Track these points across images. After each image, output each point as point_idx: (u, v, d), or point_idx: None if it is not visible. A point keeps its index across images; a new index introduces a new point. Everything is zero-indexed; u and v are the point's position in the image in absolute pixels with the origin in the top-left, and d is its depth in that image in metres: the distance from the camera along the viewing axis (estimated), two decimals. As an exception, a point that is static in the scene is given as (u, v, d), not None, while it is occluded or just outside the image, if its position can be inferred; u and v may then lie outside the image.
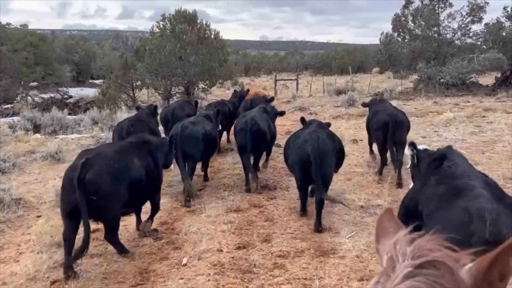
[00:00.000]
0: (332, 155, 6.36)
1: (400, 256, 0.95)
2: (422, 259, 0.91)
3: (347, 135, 12.18)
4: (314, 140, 6.15)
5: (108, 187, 4.75)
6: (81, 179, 4.55)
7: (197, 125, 7.79)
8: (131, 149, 5.42)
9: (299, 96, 26.19)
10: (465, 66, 22.98)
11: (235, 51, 75.76)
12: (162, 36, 19.08)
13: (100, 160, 4.86)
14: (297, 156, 6.30)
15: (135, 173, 5.14)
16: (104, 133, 13.07)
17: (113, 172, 4.86)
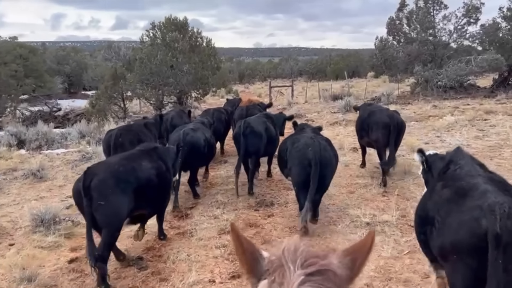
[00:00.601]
0: (333, 162, 6.31)
1: (291, 264, 1.04)
2: (312, 268, 1.03)
3: (347, 143, 11.63)
4: (316, 146, 6.02)
5: (113, 190, 4.76)
6: (85, 188, 4.63)
7: (197, 132, 7.83)
8: (138, 157, 5.46)
9: (295, 102, 25.66)
10: (462, 68, 22.53)
11: (229, 58, 75.50)
12: (153, 45, 18.50)
13: (104, 167, 4.97)
14: (297, 160, 6.11)
15: (143, 175, 5.16)
16: (92, 147, 12.44)
17: (119, 176, 4.89)
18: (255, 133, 7.78)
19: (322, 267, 1.04)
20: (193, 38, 18.92)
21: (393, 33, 25.84)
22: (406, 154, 10.28)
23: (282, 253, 1.08)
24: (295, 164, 6.17)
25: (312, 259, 1.05)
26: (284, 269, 1.04)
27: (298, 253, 1.07)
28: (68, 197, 8.05)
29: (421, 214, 3.68)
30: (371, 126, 8.40)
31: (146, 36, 18.62)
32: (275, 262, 1.08)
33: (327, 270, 1.04)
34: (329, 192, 7.72)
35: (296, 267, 1.03)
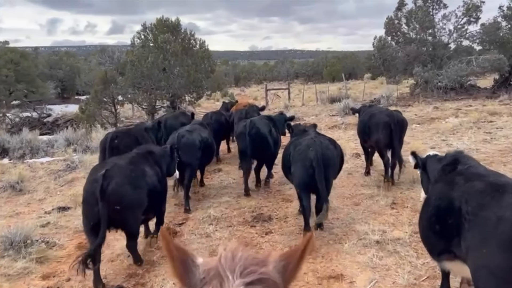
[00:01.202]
0: (335, 161, 6.16)
1: (229, 273, 0.99)
2: (252, 276, 0.98)
3: (348, 149, 10.95)
4: (318, 145, 5.89)
5: (130, 195, 4.89)
6: (103, 191, 4.64)
7: (193, 133, 7.75)
8: (140, 159, 5.54)
9: (292, 105, 25.04)
10: (463, 68, 21.95)
11: (225, 61, 74.87)
12: (144, 47, 17.81)
13: (119, 170, 4.98)
14: (299, 161, 5.98)
15: (150, 181, 5.30)
16: (78, 155, 11.74)
17: (133, 181, 5.00)
18: (260, 133, 7.75)
19: (262, 275, 1.01)
20: (186, 40, 18.24)
21: (392, 33, 25.25)
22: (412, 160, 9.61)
23: (219, 261, 1.03)
24: (297, 166, 6.01)
25: (251, 267, 1.01)
26: (222, 279, 0.99)
27: (236, 261, 1.02)
28: (47, 213, 7.35)
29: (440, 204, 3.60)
30: (371, 128, 8.23)
31: (137, 38, 17.94)
32: (212, 271, 1.03)
33: (267, 279, 1.01)
34: (332, 205, 7.06)
35: (234, 277, 0.98)
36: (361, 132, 8.82)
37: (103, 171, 4.78)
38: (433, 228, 3.62)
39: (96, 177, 4.83)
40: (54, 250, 5.81)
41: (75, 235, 6.33)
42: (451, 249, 3.43)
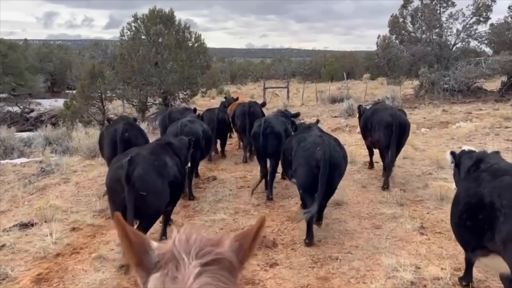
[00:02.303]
0: (342, 164, 5.79)
1: (185, 255, 0.98)
2: (207, 257, 0.98)
3: (358, 156, 9.82)
4: (326, 145, 5.51)
5: (156, 183, 4.84)
6: (129, 176, 4.56)
7: (195, 123, 7.83)
8: (161, 150, 5.48)
9: (291, 105, 23.88)
10: (471, 70, 20.89)
11: (221, 58, 73.45)
12: (135, 39, 16.55)
13: (143, 158, 4.95)
14: (304, 159, 5.62)
15: (171, 172, 5.22)
16: (56, 156, 10.52)
17: (157, 169, 4.97)
18: (275, 133, 7.37)
19: (218, 255, 1.00)
20: (180, 33, 17.00)
21: (396, 31, 24.16)
22: (434, 171, 8.50)
23: (173, 244, 1.01)
24: (301, 164, 5.66)
25: (206, 248, 1.00)
26: (177, 261, 0.97)
27: (191, 243, 1.00)
28: (5, 230, 6.13)
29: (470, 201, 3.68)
30: (373, 125, 7.97)
31: (128, 30, 16.68)
32: (167, 254, 1.00)
33: (223, 259, 1.01)
34: (348, 227, 5.93)
35: (190, 258, 0.97)
36: (362, 127, 8.59)
37: (128, 157, 4.72)
38: (465, 225, 3.71)
39: (120, 164, 4.75)
40: (3, 284, 4.61)
41: (35, 263, 5.12)
42: (484, 244, 3.50)
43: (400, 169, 8.78)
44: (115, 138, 7.21)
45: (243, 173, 9.08)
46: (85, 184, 8.41)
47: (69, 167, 9.53)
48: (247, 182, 8.31)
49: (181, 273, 0.95)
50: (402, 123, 7.71)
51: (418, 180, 7.96)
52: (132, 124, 7.92)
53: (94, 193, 7.65)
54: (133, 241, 1.04)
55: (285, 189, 7.92)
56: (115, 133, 7.30)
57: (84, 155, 10.51)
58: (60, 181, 8.61)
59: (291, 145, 6.07)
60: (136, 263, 1.04)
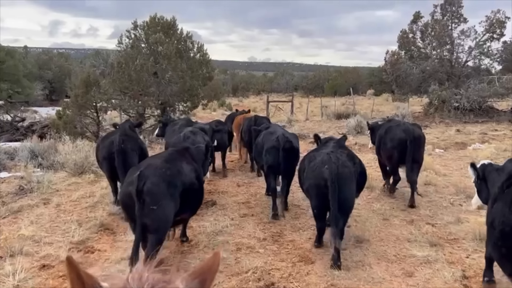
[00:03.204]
0: (352, 179, 5.51)
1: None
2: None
3: (374, 180, 8.81)
4: (333, 163, 5.34)
5: (165, 194, 4.75)
6: (139, 192, 4.58)
7: (197, 135, 7.62)
8: (177, 156, 5.44)
9: (295, 120, 22.95)
10: (485, 88, 20.00)
11: (223, 71, 72.85)
12: (133, 47, 15.68)
13: (154, 170, 4.87)
14: (313, 180, 5.49)
15: (186, 178, 5.13)
16: (41, 172, 9.54)
17: (168, 179, 4.86)
18: (293, 148, 7.07)
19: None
20: (181, 42, 16.12)
21: (405, 47, 23.34)
22: (462, 201, 7.49)
23: (126, 282, 0.99)
24: (311, 186, 5.56)
25: (160, 284, 0.99)
26: None
27: (143, 280, 0.98)
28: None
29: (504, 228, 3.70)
30: (387, 142, 7.75)
31: (126, 37, 15.79)
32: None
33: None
34: (374, 274, 4.90)
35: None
36: (378, 146, 8.27)
37: (138, 172, 4.73)
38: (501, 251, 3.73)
39: (131, 179, 4.77)
40: None
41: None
42: None
43: (424, 198, 7.78)
44: (112, 150, 7.02)
45: (246, 197, 8.09)
46: (67, 206, 7.40)
47: (51, 185, 8.52)
48: (251, 210, 7.31)
49: None
50: (416, 137, 7.51)
51: (447, 212, 6.96)
52: (129, 134, 7.63)
53: (75, 219, 6.63)
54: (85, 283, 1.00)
55: (294, 218, 6.92)
56: (111, 145, 7.10)
57: (71, 171, 9.52)
58: (39, 203, 7.60)
59: (303, 165, 5.94)
60: None
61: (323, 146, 6.21)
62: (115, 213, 7.06)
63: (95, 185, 8.85)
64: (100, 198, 7.86)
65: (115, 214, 7.02)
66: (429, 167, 9.78)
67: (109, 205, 7.38)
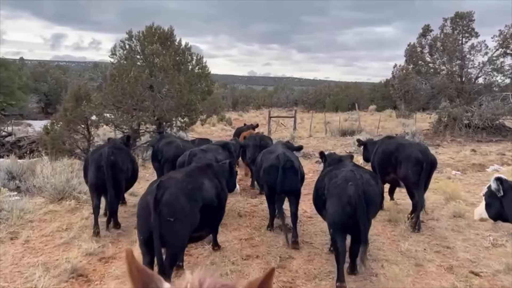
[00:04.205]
0: (377, 199, 5.39)
1: None
2: None
3: (396, 211, 7.69)
4: (358, 180, 5.08)
5: (184, 208, 4.67)
6: (157, 201, 4.49)
7: (208, 153, 7.48)
8: (199, 172, 5.37)
9: (298, 136, 21.87)
10: (499, 106, 18.99)
11: (223, 85, 72.07)
12: (128, 58, 14.66)
13: (175, 182, 4.85)
14: (336, 196, 5.17)
15: (207, 195, 5.05)
16: (20, 196, 8.40)
17: (189, 193, 4.80)
18: (294, 168, 6.67)
19: None
20: (179, 54, 15.11)
21: (414, 61, 22.40)
22: (505, 241, 6.34)
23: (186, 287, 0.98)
24: (332, 202, 5.25)
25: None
26: None
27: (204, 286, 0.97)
28: None
29: None
30: (399, 161, 7.33)
31: (121, 48, 14.78)
32: None
33: None
34: None
35: None
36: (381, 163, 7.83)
37: (158, 182, 4.71)
38: None
39: (151, 189, 4.70)
40: None
41: None
42: None
43: (458, 235, 6.65)
44: (100, 163, 6.80)
45: (249, 232, 6.94)
46: (37, 243, 6.24)
47: (24, 214, 7.37)
48: (255, 249, 6.15)
49: None
50: (433, 161, 7.36)
51: (491, 256, 5.81)
52: (119, 147, 7.49)
53: (42, 262, 5.48)
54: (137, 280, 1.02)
55: (307, 261, 5.77)
56: (100, 158, 6.89)
57: (49, 197, 8.37)
58: (6, 238, 6.44)
59: (323, 184, 5.60)
60: None
61: (337, 164, 5.99)
62: (93, 252, 5.93)
63: (75, 214, 7.71)
64: (78, 231, 6.72)
65: (93, 254, 5.89)
66: (455, 195, 8.67)
67: (87, 241, 6.25)
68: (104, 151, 7.01)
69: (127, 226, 7.29)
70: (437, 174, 12.30)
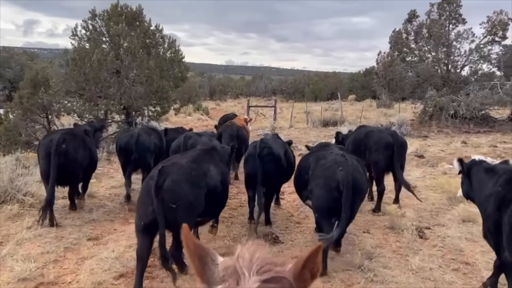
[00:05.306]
0: (365, 187, 5.34)
1: (246, 270, 1.00)
2: (267, 275, 0.99)
3: (398, 216, 6.63)
4: (349, 166, 4.96)
5: (187, 194, 4.54)
6: (158, 187, 4.39)
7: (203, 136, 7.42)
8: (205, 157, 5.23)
9: (279, 127, 20.74)
10: (488, 95, 18.24)
11: (200, 73, 70.17)
12: (90, 40, 13.14)
13: (178, 168, 4.73)
14: (323, 180, 5.04)
15: (212, 181, 4.92)
16: None
17: (192, 179, 4.68)
18: (274, 155, 6.32)
19: (278, 274, 1.02)
20: (149, 35, 13.67)
21: (399, 48, 21.47)
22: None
23: (236, 260, 1.05)
24: (319, 185, 5.08)
25: (267, 266, 1.02)
26: (238, 275, 1.01)
27: (253, 260, 1.04)
28: None
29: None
30: (369, 147, 7.47)
31: (83, 28, 13.23)
32: (230, 269, 1.04)
33: (282, 278, 1.01)
34: None
35: (251, 274, 1.00)
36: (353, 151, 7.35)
37: (159, 167, 4.57)
38: None
39: (152, 174, 4.60)
40: None
41: None
42: None
43: (474, 245, 5.62)
44: (49, 150, 6.41)
45: (226, 244, 5.77)
46: (-45, 265, 4.91)
47: None
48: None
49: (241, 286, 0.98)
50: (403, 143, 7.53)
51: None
52: (74, 133, 7.15)
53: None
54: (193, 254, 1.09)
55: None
56: (50, 144, 6.52)
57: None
58: None
59: (307, 163, 5.53)
60: (198, 274, 1.09)
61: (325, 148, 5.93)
62: (29, 277, 4.66)
63: (16, 222, 6.40)
64: (13, 247, 5.41)
65: (28, 280, 4.62)
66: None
67: (22, 262, 4.96)
68: (54, 137, 6.63)
69: (79, 237, 6.01)
70: (431, 169, 11.41)
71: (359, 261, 5.04)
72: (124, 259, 5.24)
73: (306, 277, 1.06)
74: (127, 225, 6.68)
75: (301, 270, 1.05)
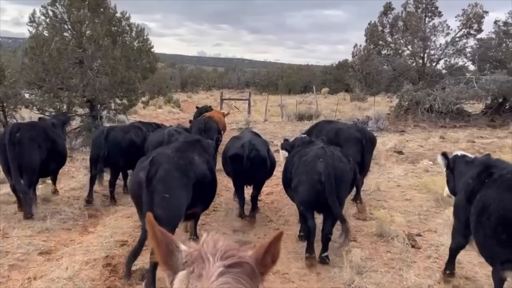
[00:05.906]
0: (349, 176, 5.22)
1: (210, 256, 1.05)
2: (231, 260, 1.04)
3: (388, 221, 6.10)
4: (329, 157, 5.01)
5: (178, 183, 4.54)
6: (150, 178, 4.35)
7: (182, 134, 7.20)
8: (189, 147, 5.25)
9: (253, 121, 20.09)
10: (464, 90, 18.10)
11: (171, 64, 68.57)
12: (49, 27, 12.09)
13: (167, 157, 4.71)
14: (305, 174, 5.13)
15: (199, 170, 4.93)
16: None
17: (181, 168, 4.68)
18: (261, 156, 6.47)
19: (241, 259, 1.06)
20: (114, 22, 12.72)
21: (374, 41, 21.12)
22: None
23: (201, 246, 1.08)
24: (302, 180, 5.15)
25: (231, 251, 1.06)
26: (203, 261, 1.04)
27: (217, 246, 1.07)
28: None
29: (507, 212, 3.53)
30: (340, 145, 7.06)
31: (42, 14, 12.16)
32: (194, 255, 1.07)
33: (245, 263, 1.05)
34: None
35: (215, 259, 1.03)
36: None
37: (150, 158, 4.51)
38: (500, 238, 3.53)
39: (143, 165, 4.52)
40: None
41: None
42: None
43: (471, 256, 5.13)
44: (3, 142, 6.25)
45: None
46: None
47: None
48: None
49: (205, 271, 1.01)
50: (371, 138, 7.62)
51: None
52: (33, 125, 6.94)
53: None
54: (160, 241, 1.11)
55: None
56: (3, 135, 6.42)
57: None
58: None
59: (292, 162, 5.57)
60: (163, 261, 1.11)
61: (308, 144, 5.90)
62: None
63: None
64: None
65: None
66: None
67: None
68: (8, 128, 6.59)
69: (28, 252, 5.21)
70: (412, 166, 11.02)
71: (349, 277, 4.48)
72: (79, 280, 4.49)
73: (267, 262, 1.13)
74: (86, 235, 5.92)
75: (263, 255, 1.12)
